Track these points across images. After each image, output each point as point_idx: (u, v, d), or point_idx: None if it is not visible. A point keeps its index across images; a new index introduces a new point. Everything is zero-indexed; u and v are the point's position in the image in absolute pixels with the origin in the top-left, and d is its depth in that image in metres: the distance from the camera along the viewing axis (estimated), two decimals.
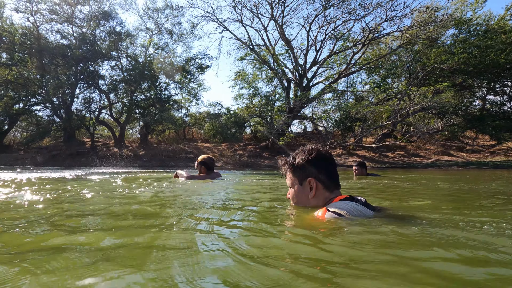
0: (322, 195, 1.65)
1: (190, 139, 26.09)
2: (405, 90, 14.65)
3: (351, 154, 20.18)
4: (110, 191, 3.02)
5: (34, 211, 1.82)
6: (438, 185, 3.95)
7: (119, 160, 19.29)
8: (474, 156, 19.26)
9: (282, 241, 1.13)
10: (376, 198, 2.45)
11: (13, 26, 16.74)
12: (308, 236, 1.16)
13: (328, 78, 20.86)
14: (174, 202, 2.24)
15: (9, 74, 20.02)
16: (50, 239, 1.17)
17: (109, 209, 1.90)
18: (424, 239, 1.11)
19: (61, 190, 3.07)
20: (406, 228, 1.27)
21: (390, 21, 16.16)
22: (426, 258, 0.90)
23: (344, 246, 1.02)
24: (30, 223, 1.46)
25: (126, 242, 1.11)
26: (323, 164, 1.68)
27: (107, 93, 21.29)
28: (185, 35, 22.56)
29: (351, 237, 1.13)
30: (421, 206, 2.04)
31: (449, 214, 1.65)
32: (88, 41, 19.00)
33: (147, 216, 1.67)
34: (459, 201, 2.49)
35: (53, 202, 2.20)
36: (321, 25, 19.05)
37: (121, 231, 1.31)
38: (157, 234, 1.22)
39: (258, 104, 21.26)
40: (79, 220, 1.56)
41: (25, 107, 22.84)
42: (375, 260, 0.88)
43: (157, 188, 3.38)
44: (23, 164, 18.31)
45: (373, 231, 1.20)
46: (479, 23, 16.15)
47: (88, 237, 1.19)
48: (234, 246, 1.04)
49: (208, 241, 1.11)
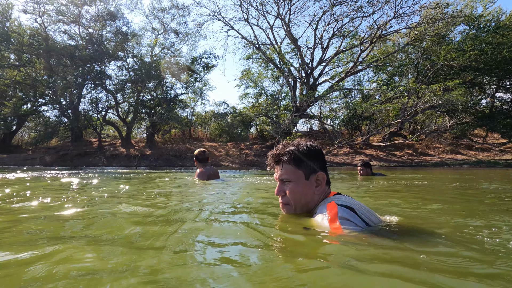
0: (323, 191, 1.59)
1: (196, 139, 26.11)
2: (414, 88, 14.43)
3: (358, 153, 20.00)
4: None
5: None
6: (464, 188, 3.84)
7: (126, 160, 19.38)
8: (483, 154, 18.94)
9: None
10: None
11: (21, 27, 16.88)
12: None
13: (334, 77, 20.68)
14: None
15: (17, 75, 20.21)
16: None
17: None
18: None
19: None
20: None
21: (398, 18, 15.95)
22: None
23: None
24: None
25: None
26: (324, 157, 1.62)
27: (114, 93, 21.38)
28: (191, 35, 22.57)
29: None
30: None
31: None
32: (96, 41, 19.08)
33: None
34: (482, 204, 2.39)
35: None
36: (328, 23, 18.90)
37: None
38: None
39: (264, 103, 21.17)
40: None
41: (33, 108, 23.05)
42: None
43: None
44: (32, 164, 18.48)
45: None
46: (489, 20, 15.84)
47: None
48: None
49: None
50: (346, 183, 4.56)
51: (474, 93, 19.45)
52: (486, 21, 15.71)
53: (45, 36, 17.52)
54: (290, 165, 1.57)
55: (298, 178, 1.56)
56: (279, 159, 1.62)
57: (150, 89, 21.63)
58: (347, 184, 4.44)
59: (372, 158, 18.78)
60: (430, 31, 16.14)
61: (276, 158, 1.63)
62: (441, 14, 15.40)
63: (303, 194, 1.56)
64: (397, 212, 1.84)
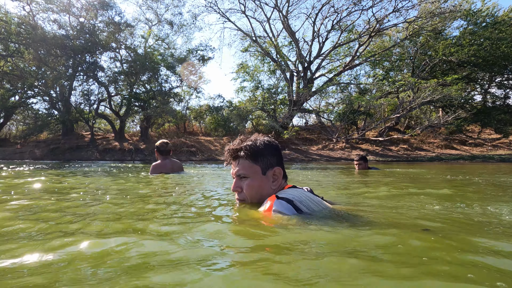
0: (280, 186, 1.59)
1: (191, 133, 25.74)
2: (414, 82, 14.42)
3: (354, 148, 20.04)
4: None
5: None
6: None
7: (120, 154, 18.96)
8: (477, 149, 19.20)
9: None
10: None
11: (8, 15, 16.10)
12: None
13: (331, 71, 20.54)
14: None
15: (5, 65, 19.42)
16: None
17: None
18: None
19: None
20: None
21: (397, 12, 15.84)
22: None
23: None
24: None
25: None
26: (280, 152, 1.63)
27: (106, 86, 20.80)
28: (186, 26, 22.06)
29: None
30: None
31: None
32: (88, 31, 18.40)
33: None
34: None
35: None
36: (325, 16, 18.67)
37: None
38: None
39: (260, 97, 20.92)
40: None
41: (21, 100, 22.27)
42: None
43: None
44: (21, 158, 17.91)
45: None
46: (487, 15, 15.88)
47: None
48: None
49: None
50: (347, 178, 4.45)
51: (467, 89, 19.63)
52: (483, 17, 15.75)
53: (34, 25, 16.79)
54: (247, 160, 1.55)
55: (255, 173, 1.55)
56: (236, 154, 1.59)
57: (144, 82, 21.12)
58: (347, 178, 4.33)
59: (368, 153, 18.84)
60: (428, 25, 16.11)
61: (233, 153, 1.60)
62: (439, 8, 15.35)
63: (260, 189, 1.55)
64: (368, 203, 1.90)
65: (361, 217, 1.36)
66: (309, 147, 20.81)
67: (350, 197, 2.21)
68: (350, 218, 1.34)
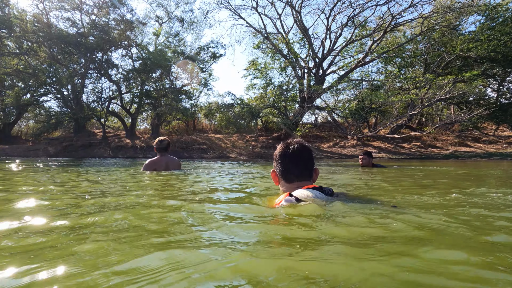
0: (283, 185, 1.85)
1: (200, 130, 25.76)
2: (432, 78, 14.19)
3: (366, 145, 19.88)
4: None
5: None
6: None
7: (132, 152, 19.05)
8: (491, 147, 18.92)
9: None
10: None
11: (23, 13, 16.15)
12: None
13: (343, 67, 20.34)
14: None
15: (19, 64, 19.57)
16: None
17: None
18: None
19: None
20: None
21: (413, 7, 15.58)
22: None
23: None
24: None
25: None
26: (282, 159, 1.82)
27: (118, 83, 20.86)
28: (196, 23, 21.97)
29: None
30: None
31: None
32: (100, 28, 18.41)
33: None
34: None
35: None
36: (338, 11, 18.45)
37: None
38: None
39: (271, 94, 20.79)
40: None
41: (33, 97, 22.44)
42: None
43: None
44: (36, 155, 18.07)
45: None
46: (507, 9, 15.53)
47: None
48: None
49: None
50: (345, 175, 4.37)
51: (481, 85, 19.29)
52: (503, 11, 15.40)
53: (47, 23, 16.85)
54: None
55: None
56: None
57: (155, 79, 21.13)
58: (345, 175, 4.25)
59: (380, 150, 18.69)
60: (443, 21, 15.82)
61: None
62: (457, 3, 15.07)
63: (276, 183, 1.94)
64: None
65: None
66: (320, 145, 20.70)
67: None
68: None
